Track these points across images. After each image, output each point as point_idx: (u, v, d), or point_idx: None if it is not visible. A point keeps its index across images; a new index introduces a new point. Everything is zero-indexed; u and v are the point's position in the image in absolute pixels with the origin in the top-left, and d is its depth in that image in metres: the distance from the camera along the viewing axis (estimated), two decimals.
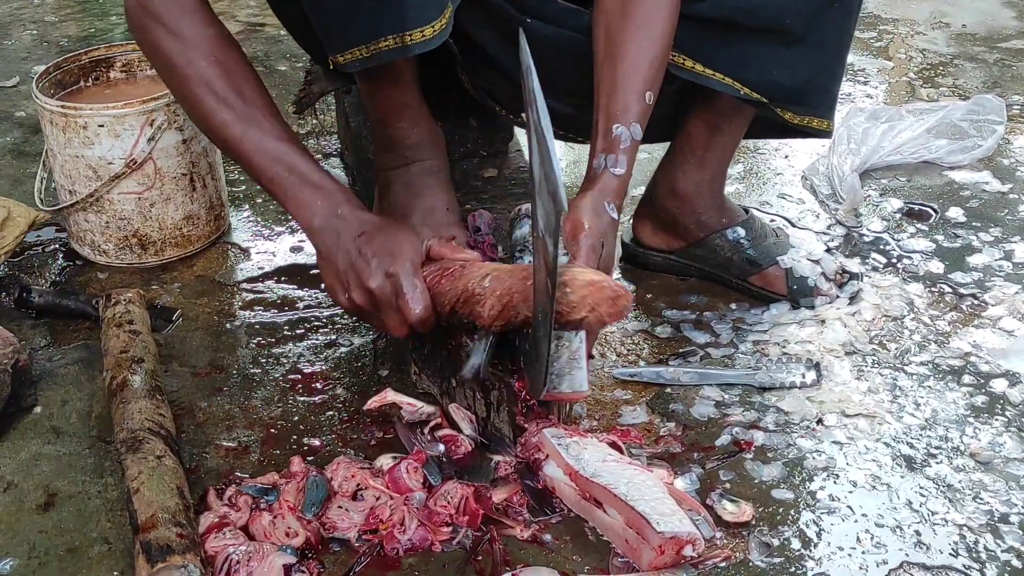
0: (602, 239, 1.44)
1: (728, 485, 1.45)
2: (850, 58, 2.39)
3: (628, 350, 1.74)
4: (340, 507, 1.39)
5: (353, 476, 1.42)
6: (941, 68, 2.78)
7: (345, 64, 1.49)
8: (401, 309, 1.41)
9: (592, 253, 1.41)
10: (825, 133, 1.78)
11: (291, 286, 1.92)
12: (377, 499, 1.39)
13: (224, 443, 1.54)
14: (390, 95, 1.69)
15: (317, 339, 1.77)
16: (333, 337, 1.77)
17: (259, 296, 1.89)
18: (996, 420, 1.57)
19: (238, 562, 1.29)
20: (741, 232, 1.86)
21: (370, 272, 1.41)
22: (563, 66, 1.62)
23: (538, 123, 1.12)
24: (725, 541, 1.36)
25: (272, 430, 1.57)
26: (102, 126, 1.86)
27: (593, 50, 1.56)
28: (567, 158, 2.41)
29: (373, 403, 1.53)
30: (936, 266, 1.94)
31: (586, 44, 1.59)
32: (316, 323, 1.81)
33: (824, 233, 2.05)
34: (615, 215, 1.48)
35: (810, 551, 1.35)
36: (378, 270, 1.41)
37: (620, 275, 1.94)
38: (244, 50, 1.56)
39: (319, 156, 2.39)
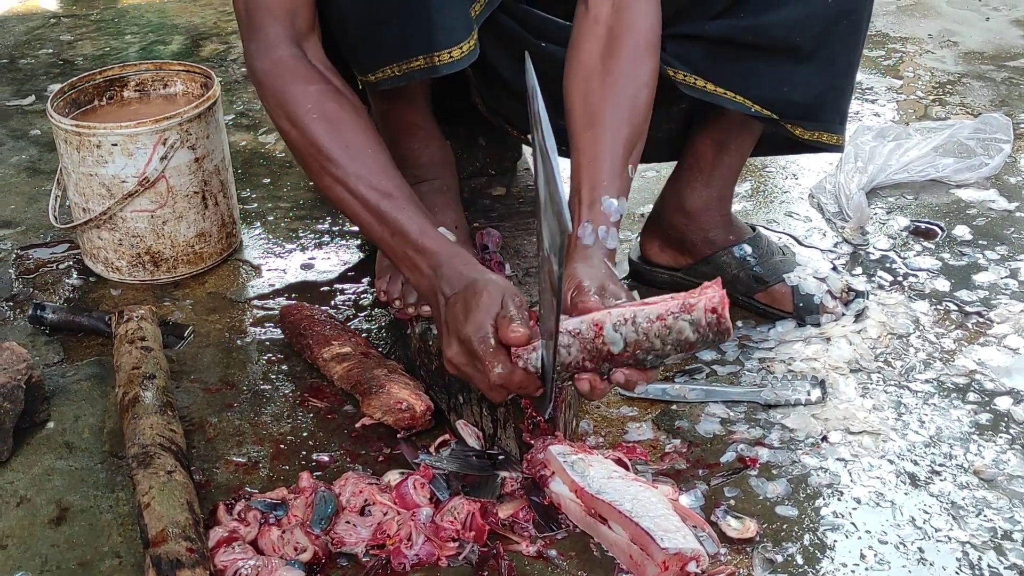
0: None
1: (732, 502, 1.46)
2: (859, 77, 2.40)
3: None
4: (348, 522, 1.40)
5: (361, 491, 1.43)
6: (949, 87, 2.79)
7: (377, 82, 1.53)
8: (484, 372, 1.32)
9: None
10: (836, 148, 1.79)
11: (302, 303, 1.94)
12: (384, 514, 1.41)
13: (234, 458, 1.56)
14: (402, 115, 1.72)
15: None
16: None
17: (270, 313, 1.90)
18: (1000, 438, 1.57)
19: None
20: (748, 249, 1.87)
21: (447, 340, 1.36)
22: None
23: (543, 144, 1.14)
24: (729, 557, 1.37)
25: (281, 446, 1.58)
26: (115, 145, 1.88)
27: (567, 108, 1.53)
28: None
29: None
30: (942, 284, 1.94)
31: None
32: None
33: (831, 251, 2.06)
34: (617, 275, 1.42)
35: (814, 568, 1.36)
36: (451, 337, 1.35)
37: None
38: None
39: None
